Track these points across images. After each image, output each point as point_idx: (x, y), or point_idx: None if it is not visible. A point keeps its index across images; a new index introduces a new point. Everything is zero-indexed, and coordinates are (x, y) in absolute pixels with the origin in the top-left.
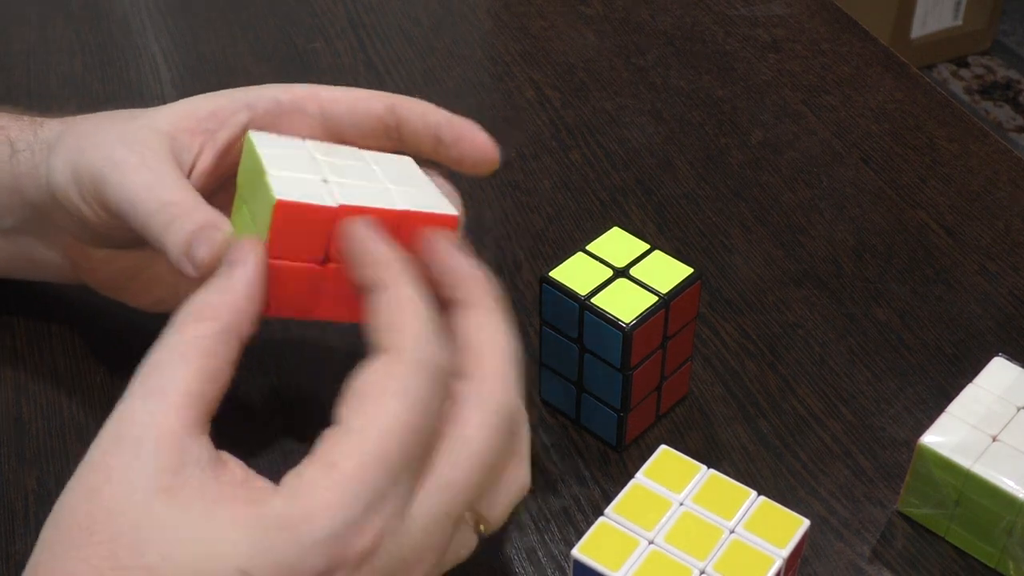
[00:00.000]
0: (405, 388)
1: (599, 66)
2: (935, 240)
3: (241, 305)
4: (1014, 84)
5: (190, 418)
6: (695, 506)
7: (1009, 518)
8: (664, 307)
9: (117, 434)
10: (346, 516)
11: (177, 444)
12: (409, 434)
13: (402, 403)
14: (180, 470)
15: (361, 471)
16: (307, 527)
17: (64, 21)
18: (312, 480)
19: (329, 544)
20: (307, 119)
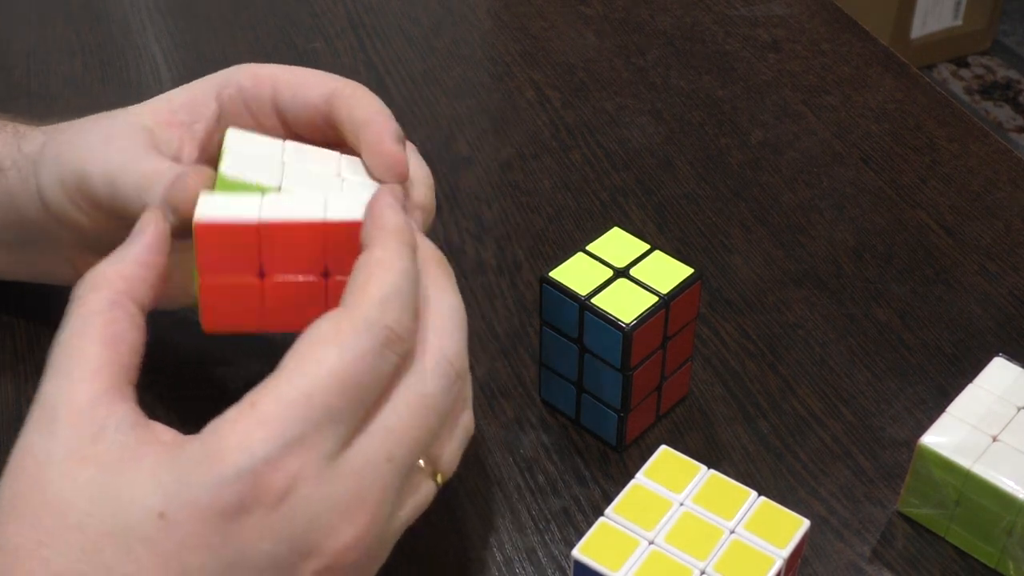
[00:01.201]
0: (345, 341)
1: (599, 66)
2: (935, 240)
3: (133, 271)
4: (1014, 84)
5: (101, 387)
6: (695, 506)
7: (1009, 518)
8: (664, 307)
9: (34, 416)
10: (258, 453)
11: (90, 414)
12: (340, 383)
13: (338, 354)
14: (98, 437)
15: (280, 411)
16: (219, 464)
17: (64, 21)
18: (229, 419)
19: (241, 479)
20: (263, 105)
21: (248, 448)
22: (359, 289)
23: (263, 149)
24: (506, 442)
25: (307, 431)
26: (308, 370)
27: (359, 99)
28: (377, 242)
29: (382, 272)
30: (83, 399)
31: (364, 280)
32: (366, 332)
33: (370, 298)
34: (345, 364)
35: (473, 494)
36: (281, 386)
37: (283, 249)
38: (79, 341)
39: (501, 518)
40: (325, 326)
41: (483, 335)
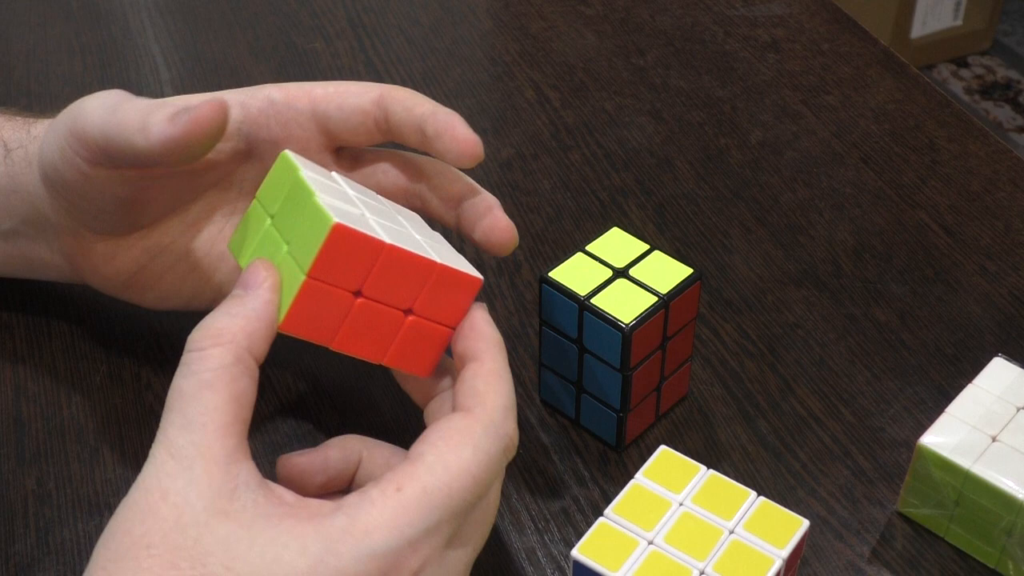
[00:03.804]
0: (479, 443)
1: (599, 66)
2: (935, 240)
3: (255, 327)
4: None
5: (231, 445)
6: (695, 506)
7: (1009, 518)
8: (664, 307)
9: (168, 465)
10: (405, 534)
11: (226, 470)
12: (473, 482)
13: (474, 454)
14: (234, 494)
15: (425, 498)
16: (368, 539)
17: (64, 21)
18: (376, 499)
19: (387, 557)
20: (298, 116)
21: (397, 529)
22: (482, 397)
23: (325, 178)
24: None
25: (442, 520)
26: (450, 465)
27: (413, 97)
28: (488, 355)
29: (499, 384)
30: (219, 454)
31: (485, 390)
32: (495, 438)
33: (494, 407)
34: (479, 464)
35: None
36: (425, 476)
37: (392, 276)
38: (210, 395)
39: (501, 518)
40: (460, 426)
41: None
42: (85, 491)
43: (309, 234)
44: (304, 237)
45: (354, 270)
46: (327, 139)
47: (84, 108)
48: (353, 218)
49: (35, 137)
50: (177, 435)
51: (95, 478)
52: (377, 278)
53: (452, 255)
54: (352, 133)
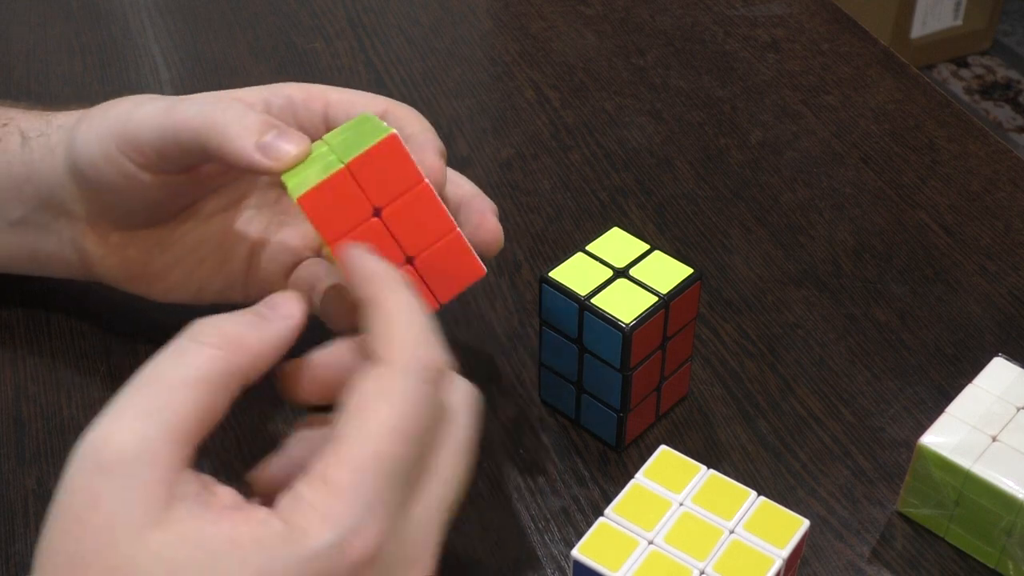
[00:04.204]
0: (393, 393)
1: (599, 66)
2: (935, 240)
3: (263, 354)
4: (1014, 84)
5: (182, 454)
6: (695, 506)
7: (1009, 518)
8: (664, 307)
9: (103, 456)
10: (344, 524)
11: (166, 477)
12: (400, 437)
13: (392, 408)
14: (169, 505)
15: (354, 480)
16: (307, 540)
17: (64, 21)
18: (307, 495)
19: (330, 552)
20: (312, 118)
21: (333, 520)
22: (385, 340)
23: None
24: (506, 442)
25: (381, 491)
26: (370, 432)
27: (408, 117)
28: (379, 292)
29: (398, 317)
30: (166, 459)
31: (385, 330)
32: (410, 376)
33: (400, 343)
34: (401, 414)
35: (472, 495)
36: (346, 454)
37: (415, 213)
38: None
39: (501, 518)
40: (368, 384)
41: (483, 335)
42: None
43: (362, 139)
44: (356, 142)
45: (387, 187)
46: None
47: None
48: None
49: (59, 127)
50: (129, 422)
51: None
52: (402, 207)
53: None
54: None
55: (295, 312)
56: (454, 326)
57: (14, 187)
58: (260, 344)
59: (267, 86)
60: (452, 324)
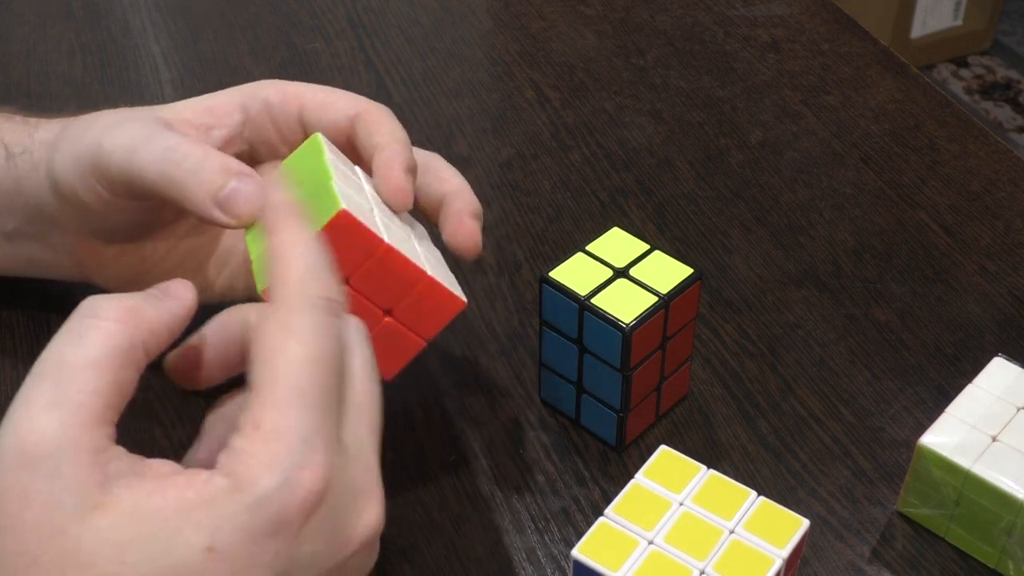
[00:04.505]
0: (297, 329)
1: (599, 66)
2: (935, 240)
3: (158, 328)
4: (1014, 84)
5: (102, 432)
6: (695, 506)
7: (1009, 518)
8: (664, 307)
9: (25, 452)
10: (287, 463)
11: (94, 460)
12: (315, 367)
13: (299, 343)
14: (105, 485)
15: (284, 418)
16: (254, 487)
17: (64, 21)
18: (244, 447)
19: (281, 494)
20: (289, 120)
21: (276, 464)
22: (281, 276)
23: (347, 170)
24: (506, 442)
25: (313, 420)
26: (283, 368)
27: (380, 123)
28: (276, 225)
29: (293, 252)
30: (88, 443)
31: (282, 266)
32: (310, 310)
33: (294, 280)
34: (308, 347)
35: (472, 494)
36: (268, 396)
37: (382, 274)
38: (95, 375)
39: (501, 518)
40: (271, 325)
41: (483, 335)
42: None
43: (316, 213)
44: (311, 215)
45: (348, 258)
46: None
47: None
48: (361, 210)
49: (40, 143)
50: (42, 413)
51: None
52: (367, 272)
53: (445, 273)
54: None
55: (187, 296)
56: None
57: (4, 200)
58: (157, 316)
59: (246, 87)
60: (452, 324)
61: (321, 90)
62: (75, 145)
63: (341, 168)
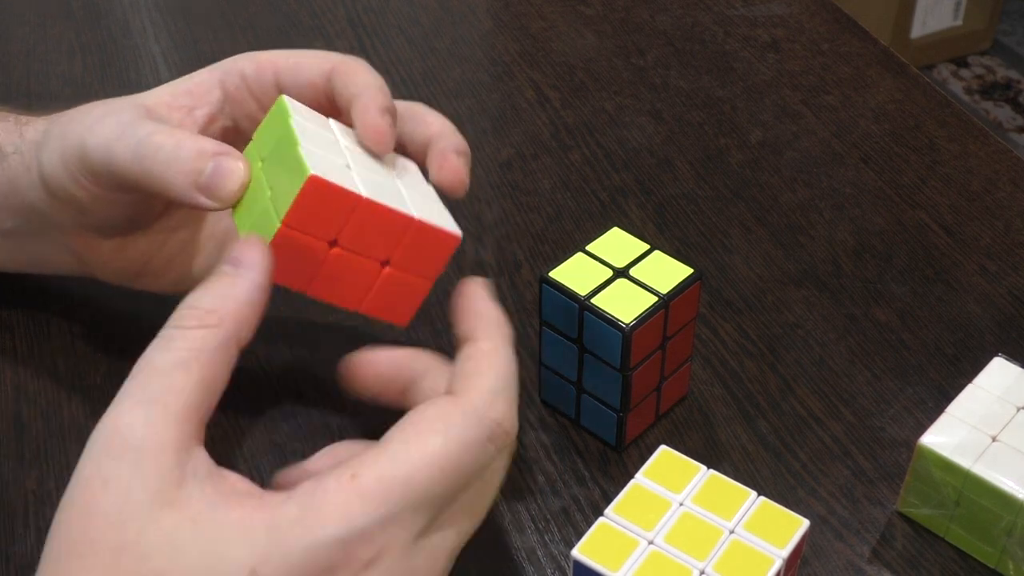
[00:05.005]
0: (452, 430)
1: (599, 66)
2: (935, 240)
3: (245, 313)
4: (1014, 84)
5: (189, 431)
6: (695, 506)
7: (1009, 518)
8: (664, 307)
9: (113, 444)
10: (356, 524)
11: (176, 458)
12: (440, 472)
13: (445, 443)
14: (181, 483)
15: (381, 489)
16: (316, 529)
17: (64, 21)
18: (330, 487)
19: (336, 547)
20: (268, 88)
21: (347, 518)
22: (469, 379)
23: (318, 126)
24: None
25: (403, 512)
26: (413, 454)
27: (355, 73)
28: (483, 334)
29: (490, 365)
30: (172, 439)
31: (473, 371)
32: (476, 424)
33: (480, 390)
34: (449, 453)
35: None
36: (384, 464)
37: (368, 229)
38: (182, 375)
39: (501, 518)
40: (433, 411)
41: None
42: None
43: (288, 182)
44: (284, 185)
45: (329, 221)
46: None
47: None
48: (334, 169)
49: (31, 142)
50: (130, 410)
51: None
52: (353, 230)
53: (438, 210)
54: (312, 105)
55: (258, 259)
56: None
57: (1, 200)
58: (238, 306)
59: (222, 64)
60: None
61: (293, 53)
62: (61, 143)
63: (310, 128)
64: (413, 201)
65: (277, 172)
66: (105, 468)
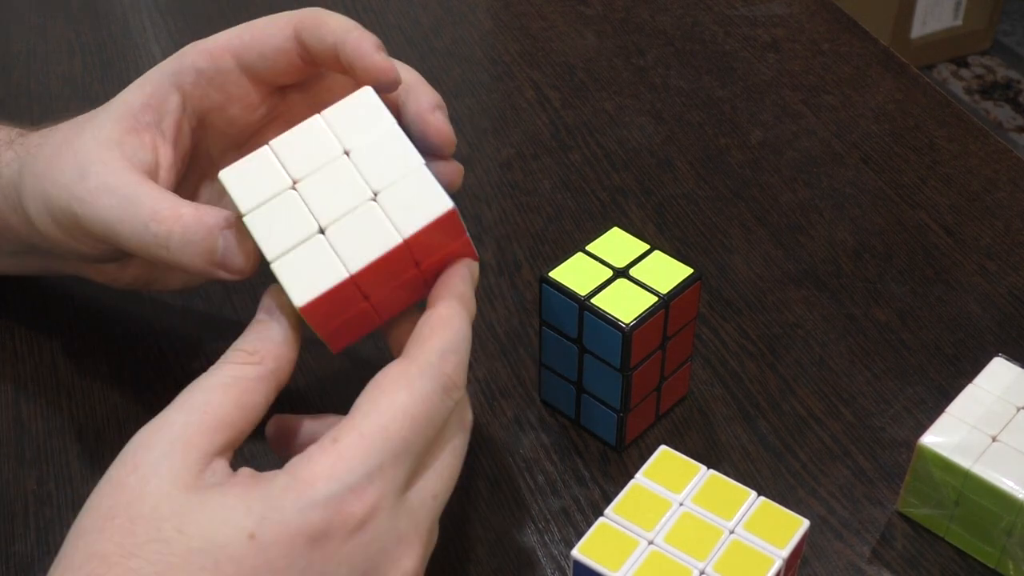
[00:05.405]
0: (413, 383)
1: (599, 66)
2: (935, 240)
3: (282, 353)
4: (1014, 84)
5: (218, 442)
6: (695, 506)
7: (1009, 518)
8: (664, 307)
9: (150, 439)
10: (344, 480)
11: (202, 458)
12: (411, 421)
13: (409, 395)
14: (200, 475)
15: (361, 443)
16: (308, 490)
17: (64, 21)
18: (315, 453)
19: (328, 504)
20: (229, 75)
21: (335, 476)
22: (422, 341)
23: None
24: (506, 442)
25: (385, 462)
26: (383, 408)
27: (323, 23)
28: (442, 302)
29: (443, 329)
30: (203, 441)
31: (428, 334)
32: (430, 377)
33: (431, 349)
34: (415, 402)
35: (472, 494)
36: (359, 422)
37: (380, 277)
38: (220, 394)
39: (500, 518)
40: (393, 372)
41: (483, 335)
42: (85, 491)
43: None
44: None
45: (345, 304)
46: (264, 86)
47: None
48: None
49: (8, 182)
50: (172, 414)
51: (95, 478)
52: (369, 288)
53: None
54: (284, 74)
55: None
56: None
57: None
58: (276, 346)
59: (170, 64)
60: None
61: (241, 29)
62: (47, 208)
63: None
64: (394, 203)
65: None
66: (138, 456)
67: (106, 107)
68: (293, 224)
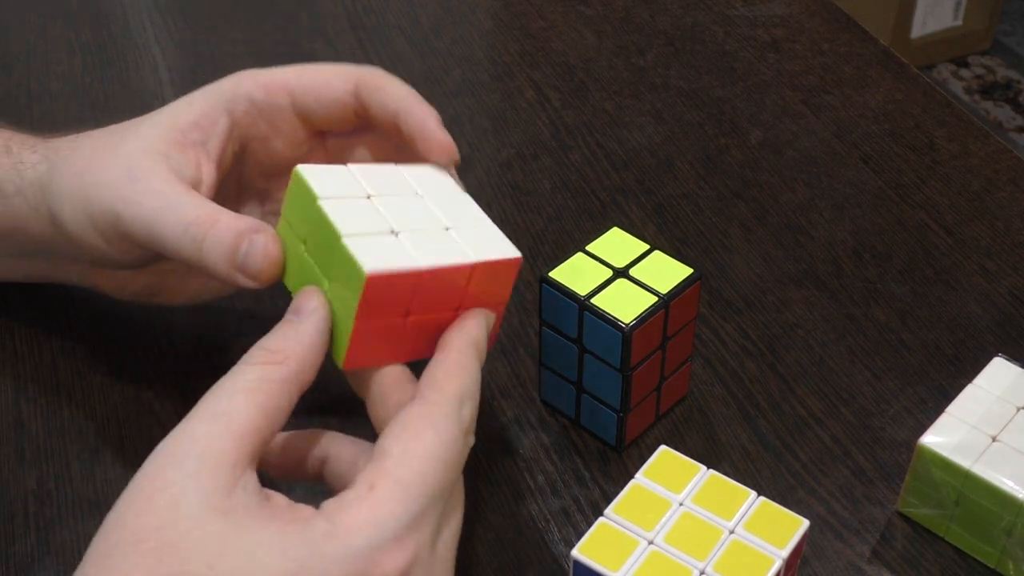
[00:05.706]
0: (438, 425)
1: (599, 66)
2: (935, 240)
3: (307, 355)
4: (1014, 84)
5: (244, 450)
6: (695, 506)
7: (1009, 518)
8: (664, 307)
9: (175, 453)
10: (387, 529)
11: (231, 471)
12: (443, 466)
13: (437, 436)
14: (232, 493)
15: (400, 490)
16: (349, 539)
17: (64, 21)
18: (353, 500)
19: (367, 556)
20: (281, 112)
21: (377, 525)
22: (440, 385)
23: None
24: (506, 442)
25: (423, 512)
26: (419, 454)
27: (384, 87)
28: (456, 348)
29: (460, 373)
30: (230, 454)
31: (445, 378)
32: (456, 421)
33: (453, 393)
34: (443, 446)
35: (472, 494)
36: (394, 469)
37: (434, 290)
38: (244, 399)
39: (501, 518)
40: (416, 413)
41: None
42: (85, 491)
43: (346, 278)
44: (341, 278)
45: (397, 301)
46: (311, 129)
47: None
48: (383, 247)
49: (33, 183)
50: (194, 424)
51: (95, 478)
52: (421, 299)
53: (488, 233)
54: (336, 123)
55: (318, 305)
56: None
57: (4, 235)
58: (301, 348)
59: (224, 87)
60: None
61: (305, 72)
62: (85, 208)
63: (340, 201)
64: (464, 237)
65: (329, 261)
66: (165, 473)
67: (151, 118)
68: (367, 219)
